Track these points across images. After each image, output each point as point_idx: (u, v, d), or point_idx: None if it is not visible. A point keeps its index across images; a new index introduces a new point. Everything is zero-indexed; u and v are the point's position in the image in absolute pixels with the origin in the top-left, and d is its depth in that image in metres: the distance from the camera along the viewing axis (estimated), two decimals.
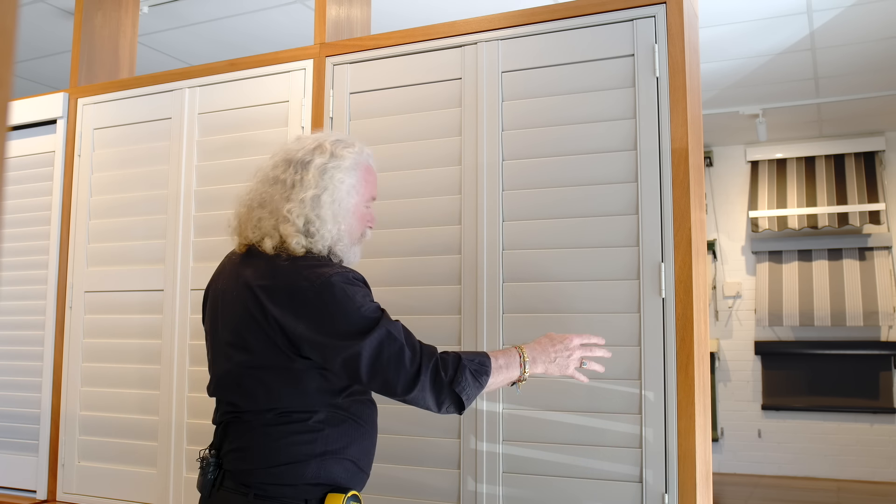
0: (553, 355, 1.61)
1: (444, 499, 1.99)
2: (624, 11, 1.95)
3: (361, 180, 1.64)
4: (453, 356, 1.51)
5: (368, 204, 1.67)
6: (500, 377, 1.55)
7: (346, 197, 1.60)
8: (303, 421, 1.52)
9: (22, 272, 2.75)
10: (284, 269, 1.52)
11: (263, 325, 1.51)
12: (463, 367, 1.50)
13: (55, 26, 4.13)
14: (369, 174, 1.67)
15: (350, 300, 1.48)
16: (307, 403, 1.52)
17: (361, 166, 1.65)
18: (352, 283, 1.51)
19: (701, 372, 1.85)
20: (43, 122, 2.78)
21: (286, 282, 1.51)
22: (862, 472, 6.05)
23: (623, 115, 1.93)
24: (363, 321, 1.48)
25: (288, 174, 1.59)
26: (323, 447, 1.52)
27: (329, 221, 1.56)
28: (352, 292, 1.49)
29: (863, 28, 4.21)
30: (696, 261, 1.86)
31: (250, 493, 1.51)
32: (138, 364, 2.47)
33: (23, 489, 2.66)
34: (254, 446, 1.53)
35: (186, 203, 2.45)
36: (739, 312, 6.55)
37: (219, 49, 4.42)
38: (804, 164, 6.45)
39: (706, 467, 1.88)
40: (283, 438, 1.52)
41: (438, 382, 1.48)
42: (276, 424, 1.52)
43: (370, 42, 2.24)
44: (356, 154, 1.64)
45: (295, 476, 1.50)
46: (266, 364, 1.52)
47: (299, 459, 1.51)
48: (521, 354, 1.59)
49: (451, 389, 1.48)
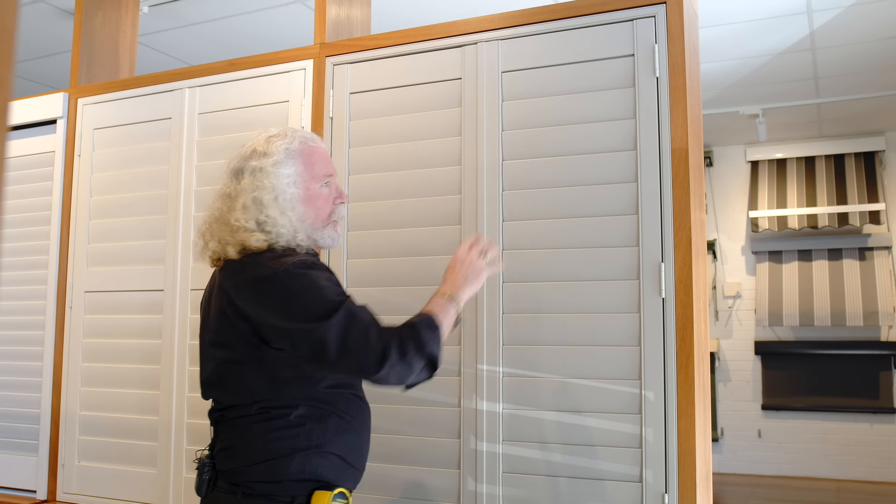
0: (463, 275, 1.67)
1: (444, 499, 1.99)
2: (624, 11, 1.95)
3: (302, 165, 1.64)
4: (405, 325, 1.54)
5: (326, 182, 1.67)
6: (446, 322, 1.59)
7: (288, 188, 1.60)
8: (284, 416, 1.54)
9: (22, 272, 2.74)
10: (248, 263, 1.57)
11: (234, 320, 1.54)
12: (418, 328, 1.52)
13: (55, 26, 4.13)
14: (312, 156, 1.66)
15: (312, 284, 1.51)
16: (286, 398, 1.54)
17: (297, 152, 1.65)
18: (313, 268, 1.53)
19: (701, 372, 1.85)
20: (43, 122, 2.78)
21: (250, 275, 1.55)
22: (862, 472, 6.05)
23: (623, 115, 1.93)
24: (327, 303, 1.49)
25: (231, 186, 1.63)
26: (306, 442, 1.53)
27: (279, 217, 1.58)
28: (314, 276, 1.52)
29: (863, 28, 4.21)
30: (696, 261, 1.86)
31: (239, 492, 1.53)
32: (138, 364, 2.47)
33: (23, 489, 2.66)
34: (239, 444, 1.56)
35: (186, 203, 2.45)
36: (739, 312, 6.55)
37: (219, 49, 4.42)
38: (804, 164, 6.45)
39: (706, 467, 1.88)
40: (265, 434, 1.54)
41: (407, 351, 1.49)
42: (258, 421, 1.55)
43: (370, 42, 2.24)
44: (287, 143, 1.64)
45: (279, 472, 1.52)
46: (241, 358, 1.55)
47: (283, 455, 1.52)
48: (445, 295, 1.63)
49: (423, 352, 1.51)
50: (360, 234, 2.19)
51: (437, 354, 1.54)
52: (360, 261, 2.18)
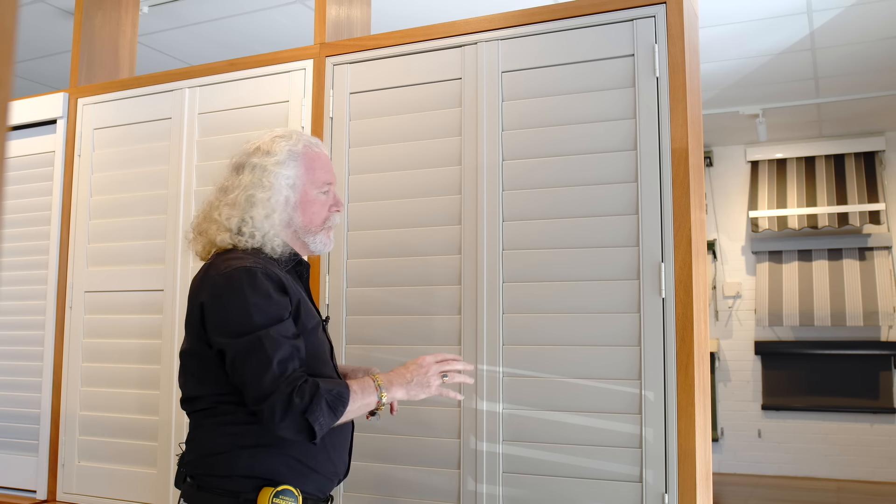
0: (409, 377, 1.59)
1: (444, 499, 1.99)
2: (624, 11, 1.95)
3: (303, 169, 1.64)
4: (312, 385, 1.46)
5: (324, 189, 1.66)
6: (356, 405, 1.52)
7: (284, 190, 1.60)
8: (231, 413, 1.53)
9: (22, 272, 2.74)
10: (210, 263, 1.59)
11: (193, 318, 1.56)
12: (320, 396, 1.45)
13: (55, 26, 4.13)
14: (314, 161, 1.66)
15: (243, 295, 1.48)
16: (233, 393, 1.53)
17: (300, 155, 1.64)
18: (256, 279, 1.49)
19: (701, 372, 1.85)
20: (43, 122, 2.78)
21: (205, 272, 1.57)
22: (862, 472, 6.05)
23: (623, 115, 1.93)
24: (244, 322, 1.47)
25: (229, 180, 1.64)
26: (255, 440, 1.51)
27: (262, 219, 1.57)
28: (250, 288, 1.48)
29: (863, 28, 4.21)
30: (696, 261, 1.86)
31: (194, 484, 1.55)
32: (138, 364, 2.47)
33: (23, 489, 2.66)
34: (193, 437, 1.59)
35: (186, 203, 2.45)
36: (739, 312, 6.55)
37: (219, 49, 4.42)
38: (804, 164, 6.45)
39: (706, 467, 1.88)
40: (214, 429, 1.55)
41: (291, 407, 1.43)
42: (207, 416, 1.56)
43: (370, 42, 2.24)
44: (291, 145, 1.64)
45: (227, 467, 1.52)
46: (194, 354, 1.57)
47: (229, 450, 1.52)
48: (376, 381, 1.56)
49: (304, 417, 1.44)
50: (360, 234, 2.19)
51: (320, 428, 1.45)
52: (360, 261, 2.18)
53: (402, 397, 1.58)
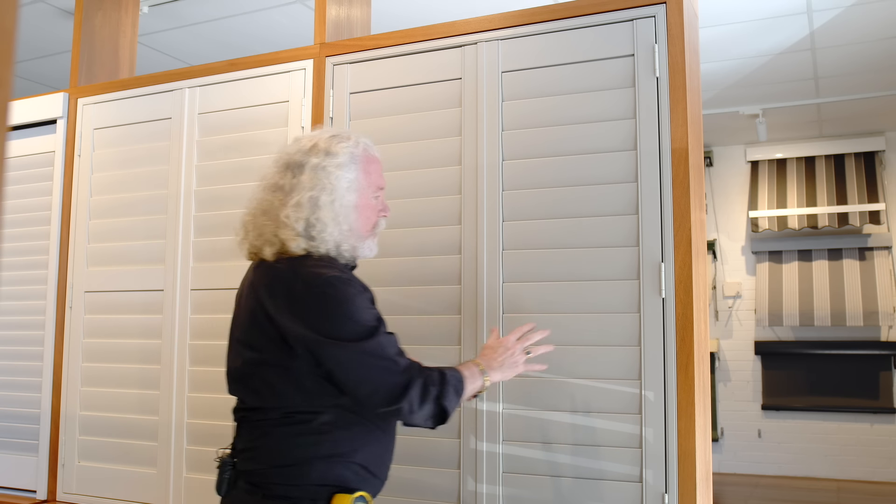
0: (500, 360, 1.68)
1: (444, 499, 1.99)
2: (624, 11, 1.95)
3: (362, 172, 1.61)
4: (438, 372, 1.54)
5: (376, 194, 1.65)
6: (470, 388, 1.60)
7: (346, 193, 1.57)
8: (307, 422, 1.51)
9: (22, 272, 2.74)
10: (284, 270, 1.53)
11: (264, 324, 1.52)
12: (447, 381, 1.53)
13: (55, 26, 4.13)
14: (370, 164, 1.64)
15: (346, 303, 1.48)
16: (311, 404, 1.51)
17: (360, 159, 1.62)
18: (350, 286, 1.51)
19: (701, 372, 1.85)
20: (43, 122, 2.78)
21: (285, 281, 1.52)
22: (862, 472, 6.05)
23: (623, 115, 1.93)
24: (357, 327, 1.48)
25: (286, 179, 1.58)
26: (329, 450, 1.51)
27: (330, 222, 1.54)
28: (349, 295, 1.49)
29: (863, 28, 4.21)
30: (696, 261, 1.86)
31: (258, 493, 1.51)
32: (138, 364, 2.47)
33: (23, 489, 2.66)
34: (261, 446, 1.54)
35: (186, 203, 2.45)
36: (739, 312, 6.55)
37: (219, 49, 4.42)
38: (804, 164, 6.45)
39: (706, 467, 1.88)
40: (288, 439, 1.52)
41: (427, 395, 1.50)
42: (281, 425, 1.53)
43: (370, 42, 2.24)
44: (352, 147, 1.61)
45: (300, 476, 1.50)
46: (269, 362, 1.53)
47: (304, 460, 1.50)
48: (479, 366, 1.65)
49: (439, 402, 1.51)
50: None
51: (451, 411, 1.54)
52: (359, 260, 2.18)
53: (498, 379, 1.67)
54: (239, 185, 2.37)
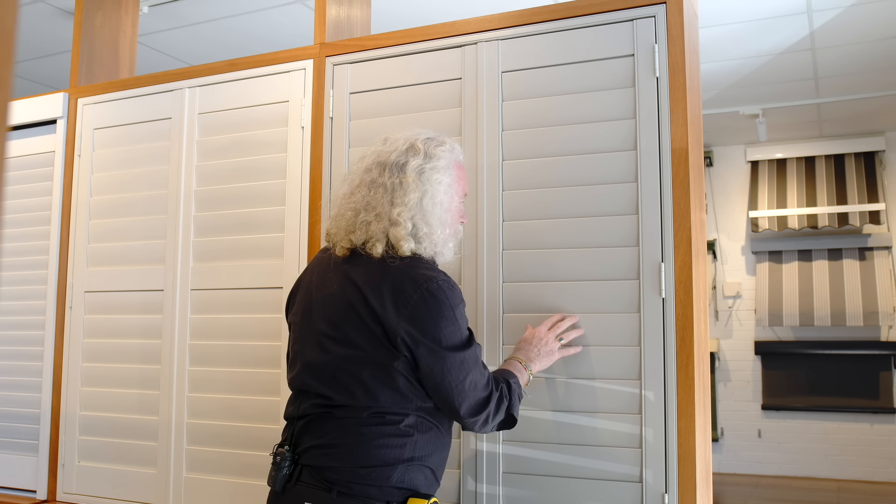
0: (537, 351, 1.78)
1: (444, 499, 1.99)
2: (624, 11, 1.95)
3: (455, 178, 1.65)
4: (505, 383, 1.65)
5: (462, 200, 1.71)
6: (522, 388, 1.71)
7: (444, 197, 1.61)
8: (395, 424, 1.53)
9: (22, 272, 2.74)
10: (392, 268, 1.53)
11: (367, 321, 1.52)
12: (513, 391, 1.65)
13: (55, 26, 4.13)
14: (461, 170, 1.70)
15: (451, 310, 1.53)
16: (401, 406, 1.53)
17: (454, 164, 1.66)
18: (455, 292, 1.56)
19: (701, 372, 1.84)
20: (43, 122, 2.78)
21: (393, 280, 1.52)
22: (862, 472, 6.05)
23: (623, 115, 1.93)
24: (458, 335, 1.54)
25: (386, 177, 1.58)
26: (411, 453, 1.54)
27: (436, 225, 1.58)
28: (454, 302, 1.54)
29: (863, 28, 4.21)
30: (696, 261, 1.86)
31: (334, 491, 1.50)
32: (138, 364, 2.47)
33: (23, 489, 2.66)
34: (343, 444, 1.53)
35: (186, 203, 2.45)
36: (739, 312, 6.55)
37: (219, 49, 4.42)
38: (804, 164, 6.45)
39: (706, 467, 1.88)
40: (375, 439, 1.52)
41: (501, 406, 1.61)
42: (369, 425, 1.52)
43: (370, 42, 2.24)
44: (448, 152, 1.65)
45: (381, 478, 1.51)
46: (367, 360, 1.52)
47: (388, 463, 1.52)
48: (521, 362, 1.76)
49: (510, 413, 1.64)
50: None
51: (517, 418, 1.66)
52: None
53: (538, 369, 1.79)
54: (239, 185, 2.37)
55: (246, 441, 2.25)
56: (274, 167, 2.32)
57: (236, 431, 2.27)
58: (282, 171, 2.30)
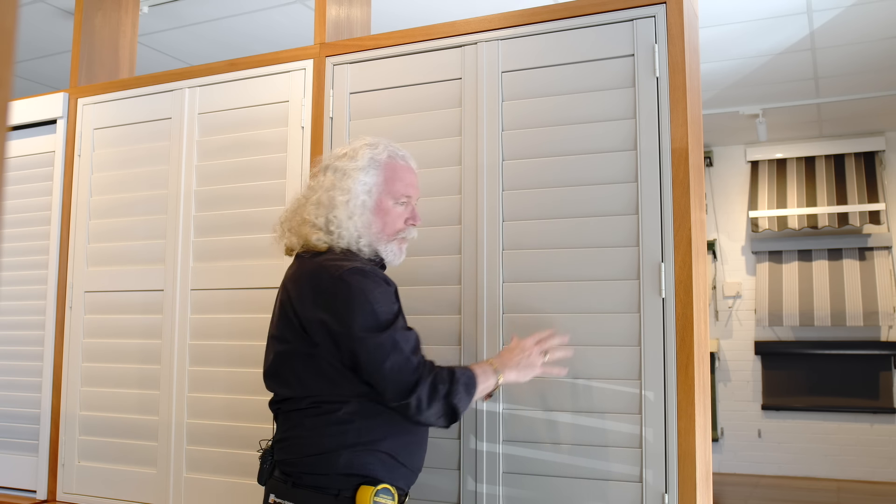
0: (516, 360, 1.72)
1: (444, 499, 1.99)
2: (624, 11, 1.95)
3: (383, 177, 1.70)
4: (448, 370, 1.59)
5: (401, 201, 1.72)
6: (482, 386, 1.65)
7: (363, 195, 1.67)
8: (333, 412, 1.58)
9: (22, 272, 2.74)
10: (311, 262, 1.64)
11: (291, 316, 1.61)
12: (457, 380, 1.58)
13: (55, 26, 4.13)
14: (395, 172, 1.72)
15: (365, 295, 1.55)
16: (336, 393, 1.58)
17: (383, 165, 1.71)
18: (370, 278, 1.57)
19: (701, 372, 1.85)
20: (43, 122, 2.78)
21: (308, 273, 1.62)
22: (862, 472, 6.05)
23: (623, 115, 1.93)
24: (372, 319, 1.55)
25: (315, 180, 1.73)
26: (355, 438, 1.57)
27: (345, 219, 1.65)
28: (368, 287, 1.56)
29: (863, 28, 4.21)
30: (696, 261, 1.86)
31: (289, 482, 1.59)
32: (138, 364, 2.47)
33: (23, 489, 2.66)
34: (292, 436, 1.62)
35: (186, 203, 2.45)
36: (739, 312, 6.55)
37: (219, 49, 4.42)
38: (804, 164, 6.45)
39: (706, 467, 1.88)
40: (316, 428, 1.59)
41: (436, 393, 1.55)
42: (309, 415, 1.60)
43: (370, 42, 2.24)
44: (376, 153, 1.71)
45: (327, 466, 1.56)
46: (295, 352, 1.61)
47: (331, 450, 1.56)
48: (492, 365, 1.69)
49: (448, 401, 1.56)
50: None
51: (461, 410, 1.59)
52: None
53: (514, 379, 1.71)
54: (239, 185, 2.37)
55: (246, 441, 2.25)
56: (274, 167, 2.32)
57: (236, 431, 2.27)
58: (282, 171, 2.30)
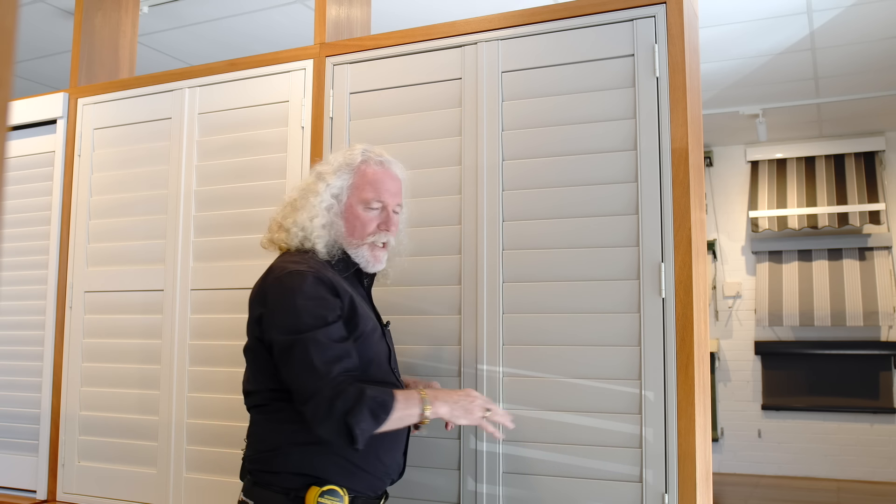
0: (454, 398, 1.62)
1: (444, 499, 1.99)
2: (624, 11, 1.95)
3: (352, 182, 1.71)
4: (357, 390, 1.48)
5: (372, 206, 1.70)
6: (398, 414, 1.52)
7: (330, 199, 1.69)
8: (282, 410, 1.58)
9: (22, 272, 2.74)
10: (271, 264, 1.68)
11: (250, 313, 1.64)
12: (363, 401, 1.47)
13: (55, 26, 4.13)
14: (366, 177, 1.72)
15: (292, 296, 1.54)
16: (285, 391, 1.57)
17: (355, 169, 1.72)
18: (307, 282, 1.55)
19: (701, 372, 1.85)
20: (43, 122, 2.78)
21: (265, 272, 1.65)
22: (862, 472, 6.05)
23: (623, 115, 1.93)
24: (292, 322, 1.53)
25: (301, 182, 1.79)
26: (305, 438, 1.54)
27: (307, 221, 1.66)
28: (295, 289, 1.54)
29: (863, 28, 4.21)
30: (696, 261, 1.86)
31: (250, 479, 1.61)
32: (138, 364, 2.47)
33: (23, 489, 2.66)
34: (250, 433, 1.65)
35: (186, 203, 2.45)
36: (739, 312, 6.55)
37: (219, 49, 4.42)
38: (804, 164, 6.45)
39: (706, 467, 1.88)
40: (267, 425, 1.60)
41: (332, 410, 1.46)
42: (263, 412, 1.62)
43: (370, 42, 2.24)
44: (351, 157, 1.73)
45: (279, 464, 1.56)
46: (249, 348, 1.64)
47: (281, 447, 1.56)
48: (421, 394, 1.58)
49: (345, 420, 1.45)
50: None
51: (359, 432, 1.47)
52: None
53: (445, 414, 1.59)
54: (239, 185, 2.37)
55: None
56: (274, 167, 2.32)
57: (236, 431, 2.27)
58: (282, 171, 2.30)
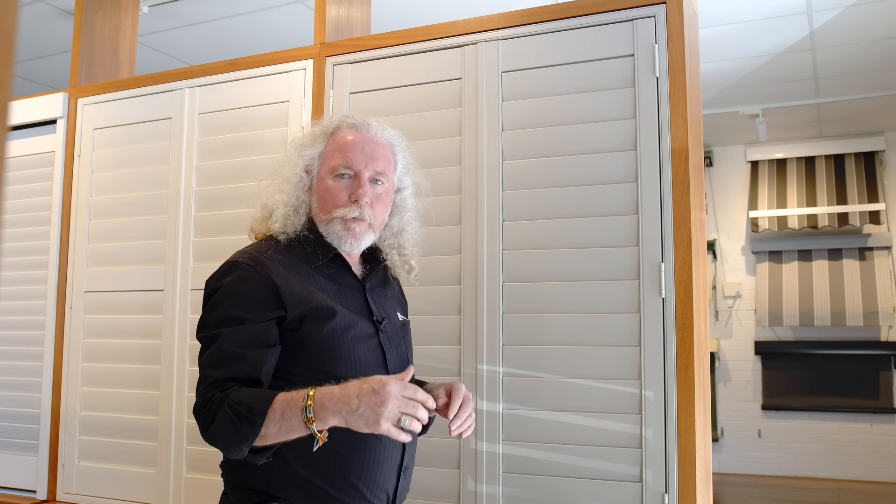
0: (355, 404, 1.23)
1: (444, 499, 1.99)
2: (624, 11, 1.95)
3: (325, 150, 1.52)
4: (219, 399, 1.29)
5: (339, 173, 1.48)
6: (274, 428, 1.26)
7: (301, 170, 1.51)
8: None
9: (22, 272, 2.74)
10: None
11: None
12: (225, 411, 1.27)
13: (55, 26, 4.13)
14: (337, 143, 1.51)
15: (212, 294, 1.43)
16: None
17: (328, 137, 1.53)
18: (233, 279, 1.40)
19: (701, 372, 1.85)
20: (43, 122, 2.78)
21: None
22: (862, 472, 6.05)
23: (623, 115, 1.93)
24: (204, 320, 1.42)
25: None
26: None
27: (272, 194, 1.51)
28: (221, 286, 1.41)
29: (863, 28, 4.21)
30: (696, 261, 1.86)
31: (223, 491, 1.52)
32: (138, 364, 2.47)
33: (23, 489, 2.66)
34: None
35: (186, 203, 2.45)
36: (739, 312, 6.55)
37: (219, 49, 4.42)
38: (804, 164, 6.45)
39: (706, 467, 1.88)
40: None
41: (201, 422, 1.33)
42: None
43: (370, 42, 2.24)
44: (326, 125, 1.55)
45: (234, 476, 1.46)
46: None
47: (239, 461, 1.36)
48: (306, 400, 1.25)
49: (209, 433, 1.30)
50: None
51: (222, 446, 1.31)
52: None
53: (339, 424, 1.25)
54: (239, 185, 2.37)
55: None
56: None
57: None
58: None
